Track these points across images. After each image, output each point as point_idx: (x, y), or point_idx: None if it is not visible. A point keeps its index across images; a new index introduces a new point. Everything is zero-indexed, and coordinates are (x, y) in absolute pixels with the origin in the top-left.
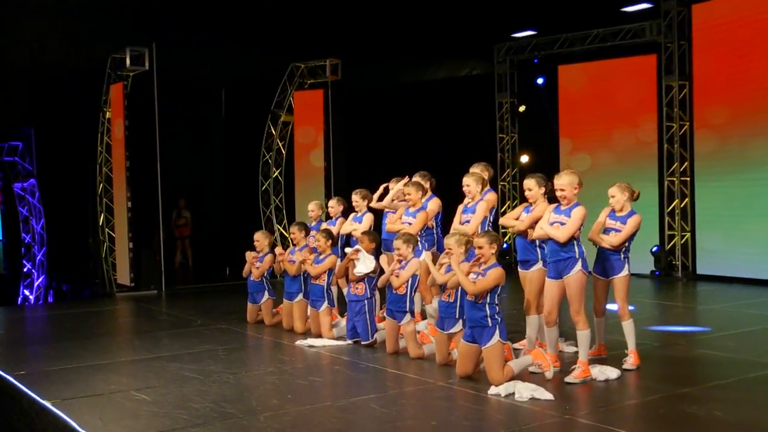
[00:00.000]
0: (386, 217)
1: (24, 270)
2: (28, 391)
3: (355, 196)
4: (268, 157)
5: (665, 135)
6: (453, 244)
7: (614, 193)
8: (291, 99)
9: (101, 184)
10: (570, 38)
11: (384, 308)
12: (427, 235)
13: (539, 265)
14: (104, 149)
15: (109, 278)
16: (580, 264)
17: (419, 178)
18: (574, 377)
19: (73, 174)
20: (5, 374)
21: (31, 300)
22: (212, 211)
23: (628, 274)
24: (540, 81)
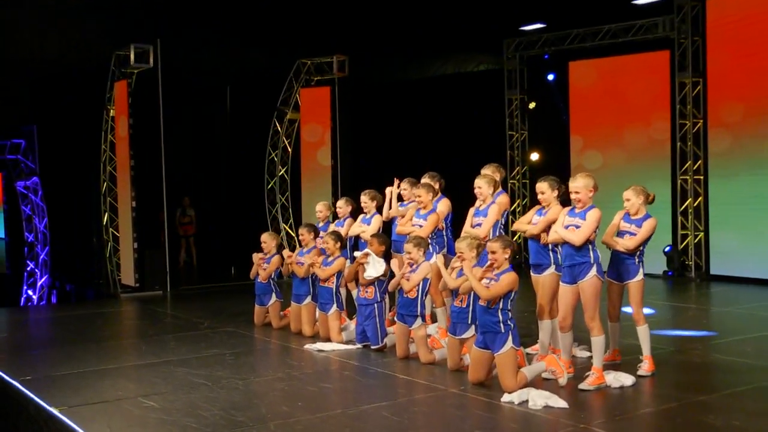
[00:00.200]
0: (396, 218)
1: (27, 269)
2: (35, 398)
3: (363, 197)
4: (273, 155)
5: (678, 133)
6: (464, 248)
7: (629, 197)
8: (297, 96)
9: (105, 183)
10: (581, 34)
11: (394, 310)
12: (437, 237)
13: (552, 269)
14: (108, 147)
15: (114, 278)
16: (595, 269)
17: (428, 179)
18: (588, 384)
19: (77, 172)
20: (11, 379)
21: (34, 300)
22: (217, 209)
23: (642, 279)
24: (550, 77)
